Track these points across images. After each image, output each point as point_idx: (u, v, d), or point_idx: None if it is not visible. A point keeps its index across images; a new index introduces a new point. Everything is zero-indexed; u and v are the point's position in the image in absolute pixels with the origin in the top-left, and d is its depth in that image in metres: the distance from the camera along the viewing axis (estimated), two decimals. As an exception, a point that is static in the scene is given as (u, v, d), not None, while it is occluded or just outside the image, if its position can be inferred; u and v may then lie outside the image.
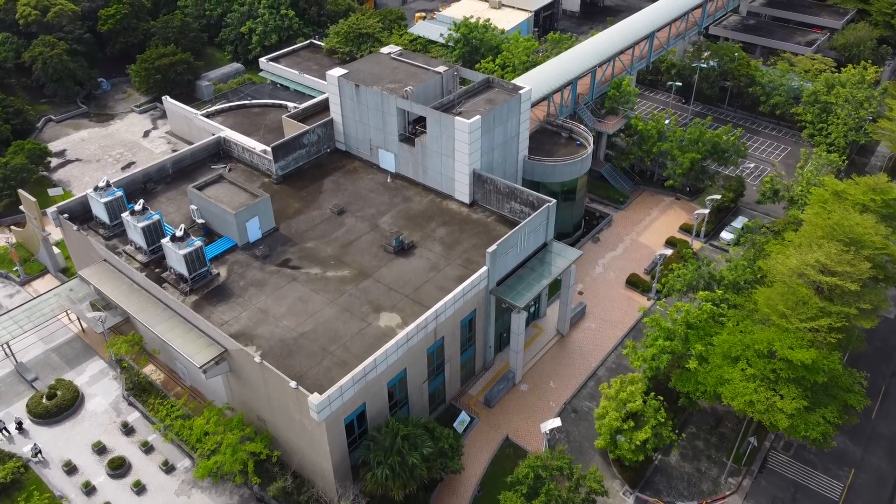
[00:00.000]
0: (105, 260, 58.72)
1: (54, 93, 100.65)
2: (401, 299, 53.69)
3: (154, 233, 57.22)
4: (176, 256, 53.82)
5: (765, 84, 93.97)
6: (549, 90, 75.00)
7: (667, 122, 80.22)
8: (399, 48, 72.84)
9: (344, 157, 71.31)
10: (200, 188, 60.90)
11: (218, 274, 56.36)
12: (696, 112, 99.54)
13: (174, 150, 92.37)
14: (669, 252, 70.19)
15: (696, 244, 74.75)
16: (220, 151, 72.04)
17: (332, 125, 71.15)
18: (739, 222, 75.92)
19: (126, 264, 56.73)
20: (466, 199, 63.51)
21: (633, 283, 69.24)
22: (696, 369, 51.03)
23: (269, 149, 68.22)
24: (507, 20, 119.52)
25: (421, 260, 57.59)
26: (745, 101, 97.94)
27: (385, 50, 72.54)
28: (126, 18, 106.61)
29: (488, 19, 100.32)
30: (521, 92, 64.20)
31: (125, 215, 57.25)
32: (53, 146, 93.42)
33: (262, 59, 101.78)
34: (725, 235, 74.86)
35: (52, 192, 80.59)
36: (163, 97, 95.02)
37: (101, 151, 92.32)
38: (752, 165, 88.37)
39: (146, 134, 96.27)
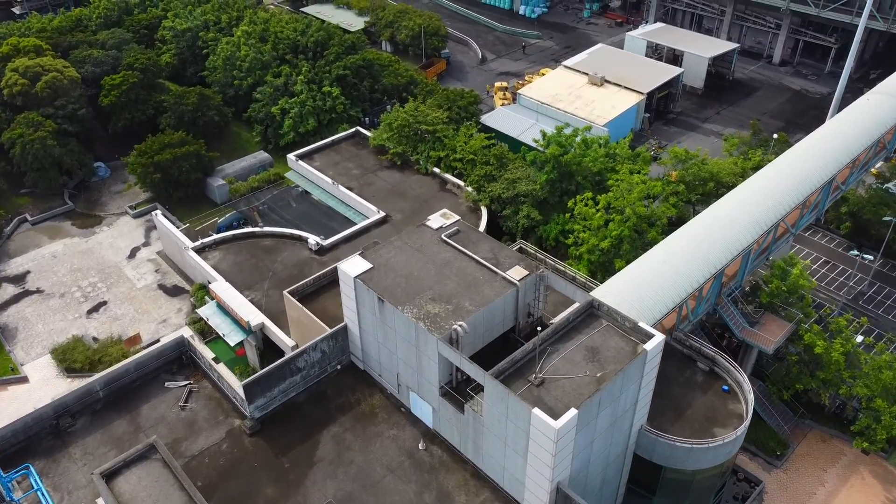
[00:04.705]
0: None
1: (35, 183, 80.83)
2: None
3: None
4: None
5: None
6: (685, 294, 48.24)
7: (859, 339, 52.18)
8: (455, 220, 47.76)
9: (358, 383, 47.07)
10: (111, 476, 37.88)
11: None
12: (880, 272, 70.40)
13: (160, 285, 70.57)
14: None
15: (908, 562, 46.98)
16: (182, 357, 49.09)
17: (345, 333, 47.17)
18: (979, 526, 47.68)
19: None
20: (542, 520, 38.26)
21: None
22: None
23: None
24: (611, 103, 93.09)
25: None
26: (955, 264, 68.43)
27: (434, 222, 47.67)
28: (134, 89, 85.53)
29: (588, 127, 73.50)
30: (647, 348, 38.20)
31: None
32: (17, 263, 73.12)
33: (291, 156, 78.71)
34: (957, 552, 46.81)
35: (-22, 359, 59.93)
36: (153, 212, 73.20)
37: (70, 279, 71.19)
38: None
39: (133, 253, 74.67)
